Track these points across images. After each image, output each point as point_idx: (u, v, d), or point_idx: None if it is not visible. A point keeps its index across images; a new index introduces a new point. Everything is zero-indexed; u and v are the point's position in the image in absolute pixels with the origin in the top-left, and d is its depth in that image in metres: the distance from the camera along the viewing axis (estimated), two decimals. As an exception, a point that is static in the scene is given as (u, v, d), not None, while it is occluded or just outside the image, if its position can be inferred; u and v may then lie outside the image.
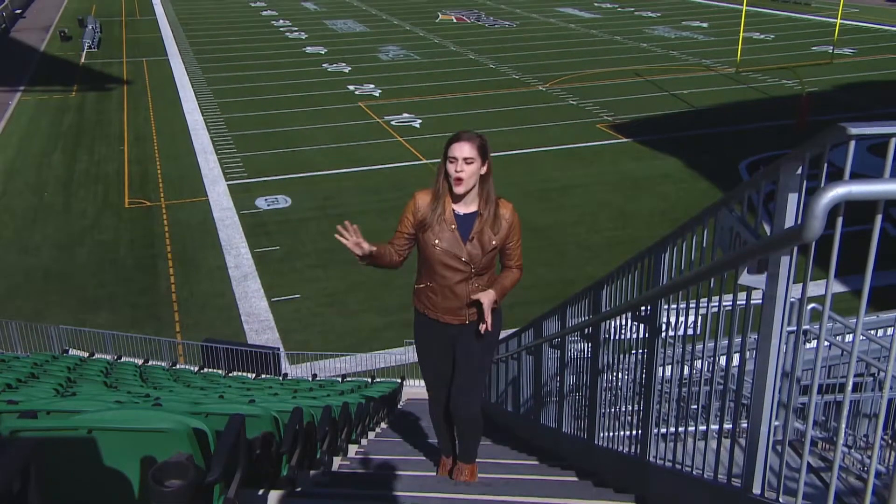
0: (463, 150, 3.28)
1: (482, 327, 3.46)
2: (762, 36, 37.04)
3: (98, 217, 17.25)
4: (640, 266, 2.77)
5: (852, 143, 1.18)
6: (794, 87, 26.83)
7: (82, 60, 34.14)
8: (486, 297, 3.40)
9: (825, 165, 1.28)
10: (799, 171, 1.41)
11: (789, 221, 1.44)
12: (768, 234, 1.53)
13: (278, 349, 12.04)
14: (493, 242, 3.40)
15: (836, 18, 31.41)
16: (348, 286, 14.11)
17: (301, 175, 19.46)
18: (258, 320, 13.21)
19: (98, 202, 18.08)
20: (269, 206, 17.71)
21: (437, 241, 3.39)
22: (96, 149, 21.92)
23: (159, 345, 11.91)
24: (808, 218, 1.15)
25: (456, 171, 3.28)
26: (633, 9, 47.62)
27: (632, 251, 3.11)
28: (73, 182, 19.34)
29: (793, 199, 1.43)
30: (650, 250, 2.55)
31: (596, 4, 49.92)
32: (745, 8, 30.65)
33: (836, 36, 30.90)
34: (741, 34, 29.79)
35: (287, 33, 40.73)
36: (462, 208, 3.41)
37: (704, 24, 41.06)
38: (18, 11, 46.36)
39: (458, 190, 3.31)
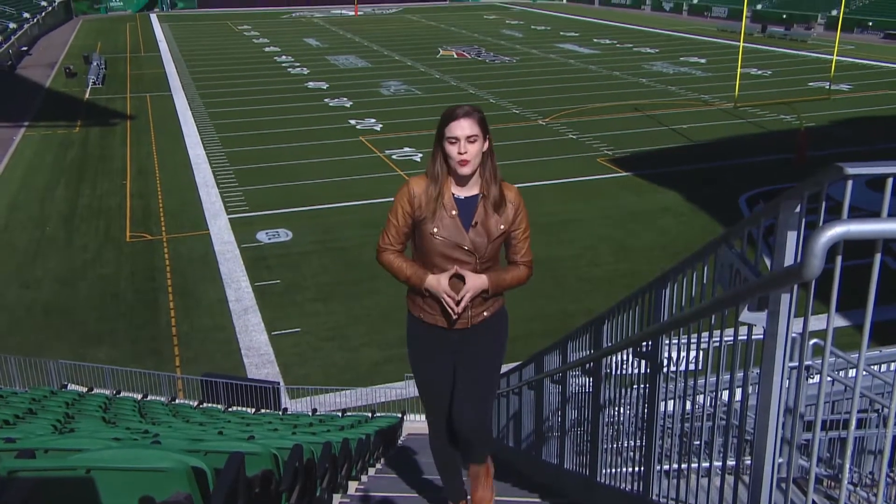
0: (464, 127, 2.94)
1: (454, 305, 3.02)
2: (759, 72, 37.44)
3: (99, 251, 17.28)
4: (641, 301, 2.76)
5: (849, 183, 1.19)
6: (792, 122, 27.04)
7: (87, 96, 34.48)
8: (473, 280, 3.02)
9: (823, 204, 1.29)
10: (798, 209, 1.42)
11: (789, 259, 1.45)
12: (769, 267, 1.54)
13: (278, 383, 11.98)
14: (501, 227, 3.06)
15: (833, 55, 31.76)
16: (349, 320, 14.08)
17: (302, 209, 19.53)
18: (258, 354, 13.16)
19: (100, 236, 18.13)
20: (269, 239, 17.74)
21: (435, 230, 3.02)
22: (99, 183, 22.04)
23: (158, 379, 11.85)
24: (808, 257, 1.16)
25: (459, 154, 2.95)
26: (631, 45, 48.20)
27: (633, 284, 3.12)
28: (75, 216, 19.41)
29: (792, 236, 1.44)
30: (651, 286, 2.56)
31: (595, 40, 50.55)
32: (742, 44, 31.00)
33: (833, 72, 31.21)
34: (739, 70, 30.08)
35: (289, 69, 41.19)
36: (462, 191, 3.07)
37: (702, 60, 41.52)
38: (25, 49, 46.94)
39: (465, 171, 2.98)
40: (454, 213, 3.03)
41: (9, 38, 45.37)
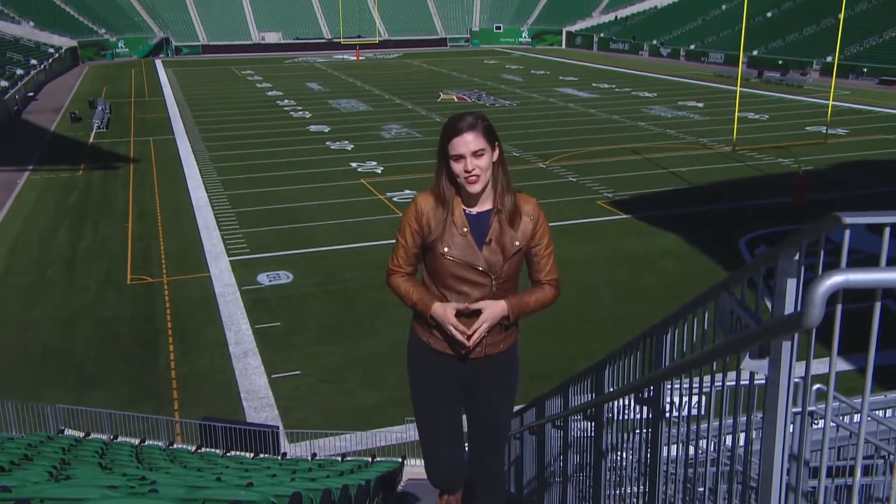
0: (468, 142, 2.71)
1: (463, 340, 2.77)
2: (757, 116, 37.84)
3: (100, 294, 17.27)
4: (642, 347, 2.75)
5: (847, 232, 1.20)
6: (790, 165, 27.25)
7: (91, 140, 34.82)
8: (491, 309, 2.77)
9: (822, 253, 1.29)
10: (796, 257, 1.43)
11: (789, 307, 1.45)
12: (769, 308, 1.54)
13: (277, 427, 11.86)
14: (517, 244, 2.83)
15: (829, 100, 32.14)
16: (349, 362, 14.00)
17: (303, 251, 19.57)
18: (257, 397, 13.06)
19: (100, 279, 18.14)
20: (270, 282, 17.75)
21: (446, 249, 2.80)
22: (101, 226, 22.13)
23: (157, 423, 11.74)
24: (807, 306, 1.16)
25: (466, 171, 2.73)
26: (630, 89, 48.82)
27: (634, 327, 3.09)
28: (76, 259, 19.44)
29: (791, 284, 1.45)
30: (652, 331, 2.55)
31: (594, 85, 51.20)
32: (739, 89, 31.40)
33: (829, 117, 31.54)
34: (736, 114, 30.45)
35: (292, 112, 41.67)
36: (474, 207, 2.85)
37: (700, 105, 42.00)
38: (31, 94, 47.55)
39: (475, 189, 2.76)
40: (465, 230, 2.82)
41: (16, 83, 46.00)
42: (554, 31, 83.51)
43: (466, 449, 3.22)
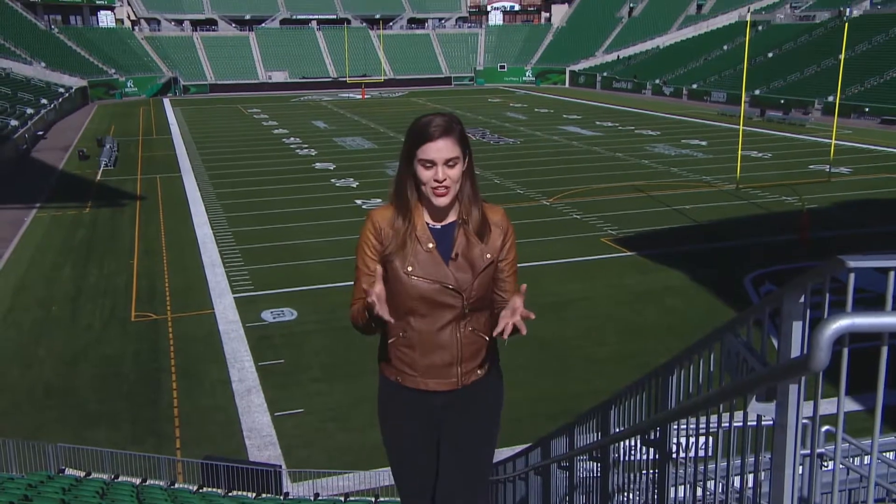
0: (441, 150, 2.41)
1: (506, 326, 2.34)
2: (760, 154, 38.03)
3: (104, 331, 17.25)
4: (648, 387, 2.73)
5: (852, 276, 1.20)
6: (794, 203, 27.30)
7: (98, 178, 35.12)
8: (519, 299, 2.37)
9: (827, 297, 1.30)
10: (801, 299, 1.43)
11: (795, 351, 1.45)
12: (776, 346, 1.53)
13: (280, 467, 11.74)
14: (487, 256, 2.54)
15: (831, 139, 32.32)
16: (352, 401, 13.90)
17: (307, 288, 19.58)
18: (260, 436, 12.95)
19: (105, 316, 18.13)
20: (274, 318, 17.72)
21: (410, 268, 2.49)
22: (106, 263, 22.20)
23: (158, 462, 11.63)
24: (814, 349, 1.16)
25: (436, 181, 2.43)
26: (633, 127, 49.19)
27: (639, 365, 3.08)
28: (81, 296, 19.47)
29: (797, 327, 1.44)
30: (657, 372, 2.54)
31: (597, 123, 51.61)
32: (741, 128, 31.62)
33: (832, 155, 31.68)
34: (739, 152, 30.61)
35: (297, 150, 42.02)
36: (436, 219, 2.54)
37: (703, 143, 42.25)
38: (41, 133, 48.11)
39: (442, 202, 2.47)
40: (431, 246, 2.51)
41: (26, 122, 46.55)
42: (557, 71, 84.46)
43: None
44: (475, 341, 2.61)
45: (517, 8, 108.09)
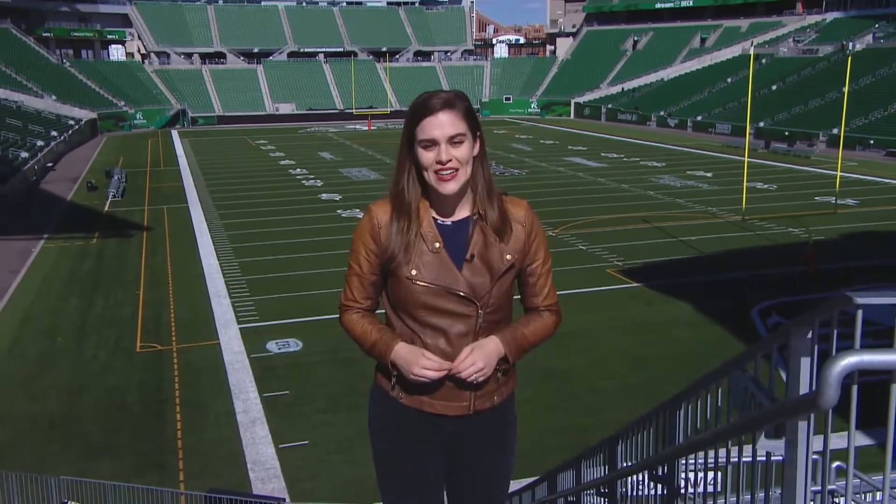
0: (443, 123, 2.09)
1: (439, 372, 2.12)
2: (765, 186, 38.09)
3: (109, 362, 17.23)
4: (656, 422, 2.71)
5: (860, 312, 1.19)
6: (800, 235, 27.26)
7: (106, 209, 35.34)
8: (483, 350, 2.13)
9: (835, 334, 1.29)
10: (809, 335, 1.42)
11: (803, 387, 1.44)
12: (784, 378, 1.52)
13: (284, 500, 11.63)
14: (508, 258, 2.19)
15: (836, 171, 32.35)
16: (358, 432, 13.79)
17: (313, 318, 19.55)
18: (264, 468, 12.85)
19: (110, 346, 18.12)
20: (279, 349, 17.68)
21: (414, 272, 2.16)
22: (112, 293, 22.24)
23: (161, 496, 11.53)
24: (822, 386, 1.15)
25: (439, 163, 2.10)
26: (638, 159, 49.37)
27: (647, 397, 3.05)
28: (86, 326, 19.48)
29: (805, 363, 1.43)
30: (665, 406, 2.52)
31: (602, 154, 51.83)
32: (746, 159, 31.69)
33: (838, 187, 31.70)
34: (745, 184, 30.65)
35: (304, 181, 42.26)
36: (446, 214, 2.21)
37: (709, 174, 42.36)
38: (50, 165, 48.55)
39: (450, 188, 2.13)
40: (438, 245, 2.17)
41: (36, 154, 47.00)
42: (562, 103, 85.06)
43: None
44: None
45: (522, 41, 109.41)
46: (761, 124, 58.35)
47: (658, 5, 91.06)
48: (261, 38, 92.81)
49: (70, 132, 60.23)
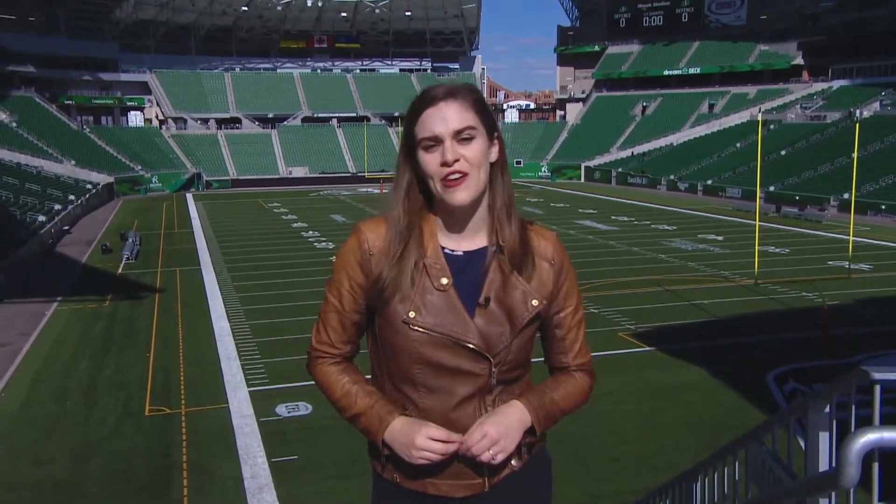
0: (448, 118, 1.66)
1: (490, 458, 1.68)
2: (777, 250, 37.99)
3: (117, 426, 17.09)
4: (672, 494, 2.65)
5: (877, 388, 1.18)
6: (814, 299, 27.04)
7: (119, 271, 35.59)
8: (502, 421, 1.70)
9: (853, 410, 1.27)
10: (827, 409, 1.40)
11: (823, 463, 1.40)
12: (802, 446, 1.48)
13: (290, 571, 11.34)
14: (534, 303, 1.78)
15: (849, 236, 32.28)
16: (367, 499, 13.47)
17: (323, 383, 19.38)
18: (270, 538, 12.58)
19: (118, 410, 18.01)
20: (289, 413, 17.50)
21: (412, 314, 1.70)
22: (123, 356, 22.21)
23: (165, 564, 11.29)
24: (843, 465, 1.12)
25: (445, 165, 1.66)
26: (649, 222, 49.48)
27: (661, 465, 2.98)
28: (96, 389, 19.40)
29: (824, 437, 1.41)
30: (680, 479, 2.46)
31: (613, 218, 52.00)
32: (758, 223, 31.73)
33: (851, 252, 31.58)
34: (756, 247, 30.58)
35: (315, 243, 42.53)
36: (456, 242, 1.76)
37: (720, 238, 42.34)
38: (67, 228, 49.20)
39: (459, 198, 1.68)
40: (446, 282, 1.71)
41: (53, 218, 47.67)
42: (573, 167, 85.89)
43: None
44: None
45: (532, 106, 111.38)
46: (772, 188, 58.58)
47: (666, 72, 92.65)
48: (276, 103, 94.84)
49: (87, 196, 61.16)
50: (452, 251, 1.75)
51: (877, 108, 68.41)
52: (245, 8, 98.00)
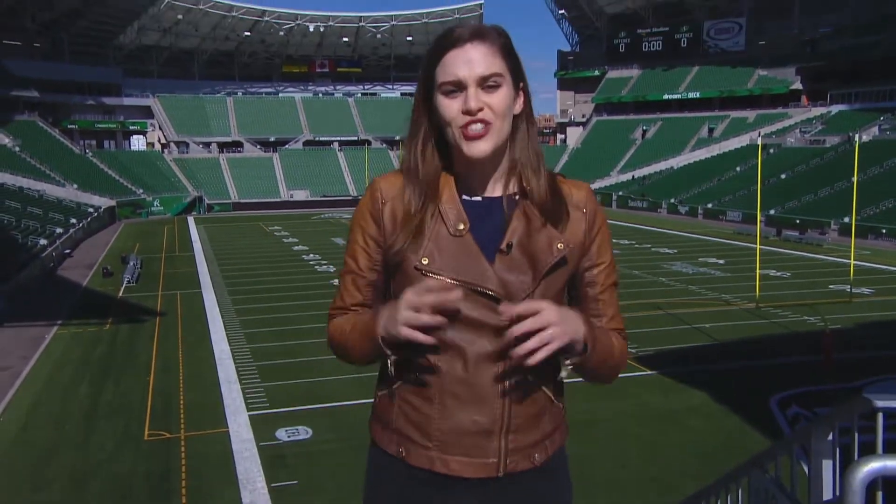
0: (472, 61, 1.50)
1: (529, 356, 1.46)
2: (778, 273, 37.98)
3: (116, 450, 16.99)
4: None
5: (880, 416, 1.18)
6: (816, 323, 26.98)
7: (120, 294, 35.58)
8: (554, 313, 1.47)
9: (856, 437, 1.27)
10: (830, 437, 1.40)
11: (826, 491, 1.40)
12: (806, 470, 1.48)
13: None
14: (559, 246, 1.62)
15: (850, 259, 32.29)
16: (366, 527, 13.41)
17: (324, 406, 19.32)
18: (270, 564, 12.46)
19: (118, 434, 17.91)
20: (289, 437, 17.40)
21: (425, 260, 1.57)
22: (123, 380, 22.14)
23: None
24: (847, 494, 1.12)
25: (467, 114, 1.52)
26: (650, 245, 49.52)
27: (663, 489, 2.96)
28: (95, 414, 19.32)
29: (827, 465, 1.41)
30: (684, 505, 2.45)
31: (613, 241, 51.75)
32: (759, 246, 31.74)
33: (852, 275, 31.56)
34: (758, 271, 30.57)
35: (316, 266, 42.55)
36: (476, 189, 1.64)
37: (721, 261, 42.35)
38: (68, 251, 49.27)
39: (480, 149, 1.55)
40: (462, 227, 1.58)
41: (54, 241, 47.76)
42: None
43: None
44: (532, 396, 1.62)
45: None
46: (772, 212, 58.68)
47: (666, 96, 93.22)
48: (277, 127, 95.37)
49: (89, 219, 61.31)
50: (470, 198, 1.63)
51: (875, 132, 68.74)
52: (248, 33, 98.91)
